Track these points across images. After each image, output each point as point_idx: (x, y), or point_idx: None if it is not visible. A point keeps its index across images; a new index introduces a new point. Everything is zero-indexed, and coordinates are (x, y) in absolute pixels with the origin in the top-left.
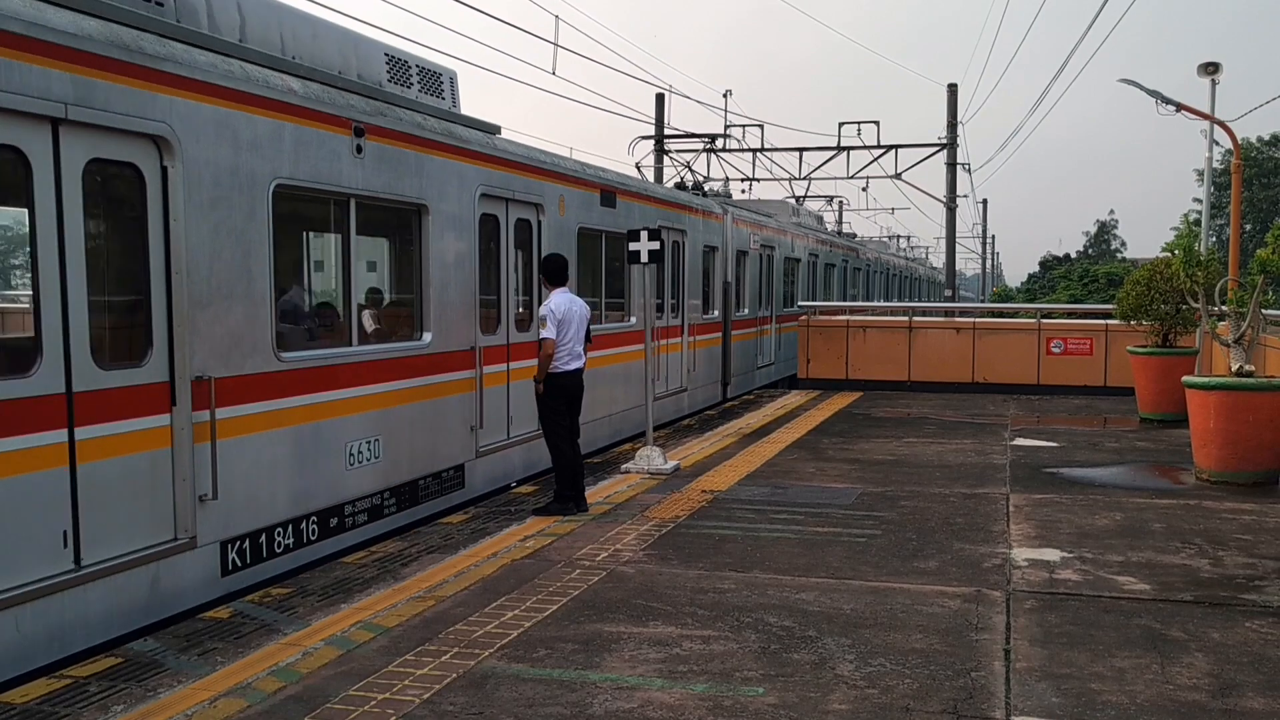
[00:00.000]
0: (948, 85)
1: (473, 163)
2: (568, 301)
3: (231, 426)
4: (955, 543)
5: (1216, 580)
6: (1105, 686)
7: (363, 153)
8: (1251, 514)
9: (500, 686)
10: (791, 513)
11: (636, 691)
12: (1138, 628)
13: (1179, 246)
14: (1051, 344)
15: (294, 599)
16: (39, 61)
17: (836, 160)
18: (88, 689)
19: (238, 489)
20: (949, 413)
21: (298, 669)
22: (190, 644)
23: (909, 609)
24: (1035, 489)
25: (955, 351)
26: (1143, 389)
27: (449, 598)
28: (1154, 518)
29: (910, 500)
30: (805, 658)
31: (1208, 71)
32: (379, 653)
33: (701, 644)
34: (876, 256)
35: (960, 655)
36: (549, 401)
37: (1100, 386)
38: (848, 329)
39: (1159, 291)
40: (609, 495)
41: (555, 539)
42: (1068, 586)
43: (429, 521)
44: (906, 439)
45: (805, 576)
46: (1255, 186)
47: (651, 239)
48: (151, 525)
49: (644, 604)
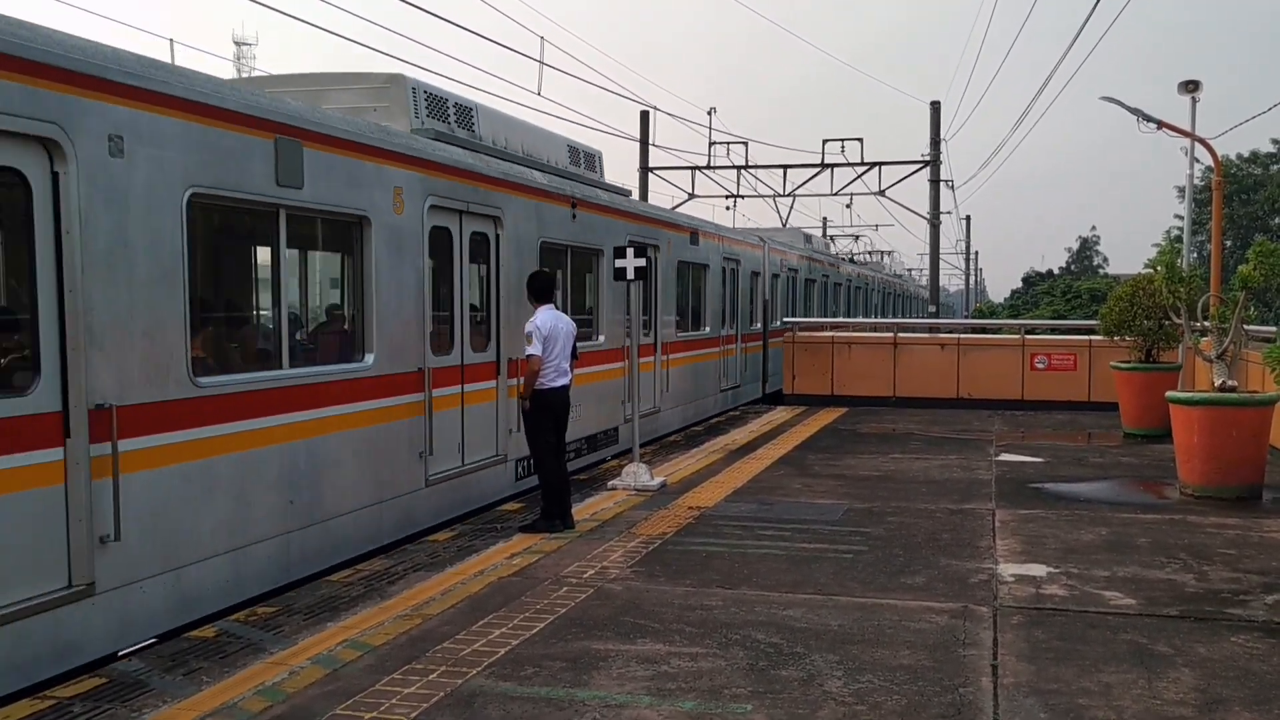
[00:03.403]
0: (930, 103)
1: (622, 219)
2: (553, 318)
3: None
4: (942, 558)
5: (1202, 595)
6: (1092, 702)
7: (575, 219)
8: (1236, 528)
9: (488, 705)
10: (778, 529)
11: (624, 709)
12: (1124, 643)
13: (1161, 262)
14: (1035, 360)
15: (280, 617)
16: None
17: (820, 177)
18: (72, 709)
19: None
20: (934, 428)
21: (284, 688)
22: (175, 664)
23: (896, 625)
24: (1021, 504)
25: (940, 368)
26: (1126, 404)
27: (436, 616)
28: (1139, 533)
29: (897, 516)
30: (793, 674)
31: (1188, 89)
32: (366, 671)
33: (689, 661)
34: (871, 275)
35: (948, 671)
36: (535, 418)
37: (1084, 402)
38: (833, 345)
39: (1142, 307)
40: (596, 512)
41: (542, 556)
42: (1054, 602)
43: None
44: (892, 455)
45: (792, 593)
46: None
47: (637, 255)
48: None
49: (631, 621)
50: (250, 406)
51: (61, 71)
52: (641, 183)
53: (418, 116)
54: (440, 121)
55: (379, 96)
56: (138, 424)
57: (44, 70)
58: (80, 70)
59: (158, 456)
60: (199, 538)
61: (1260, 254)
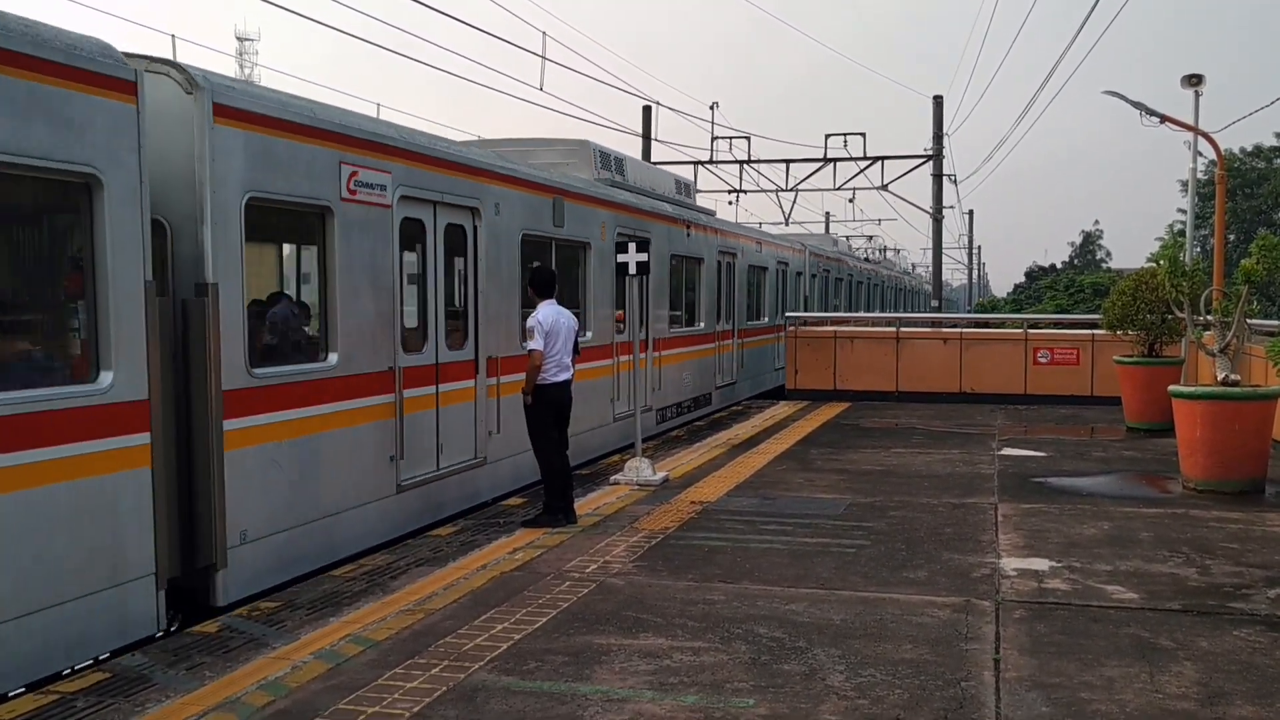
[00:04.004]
0: (934, 97)
1: (713, 235)
2: (555, 313)
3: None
4: (944, 553)
5: (1204, 589)
6: (1095, 696)
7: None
8: (1238, 522)
9: (491, 699)
10: (781, 524)
11: (627, 703)
12: (1126, 637)
13: (1164, 257)
14: (1038, 354)
15: (282, 613)
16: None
17: (823, 172)
18: (75, 704)
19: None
20: (937, 423)
21: (287, 683)
22: (178, 658)
23: (899, 619)
24: (1023, 498)
25: (942, 362)
26: (1129, 398)
27: (438, 610)
28: (1141, 527)
29: (899, 510)
30: (796, 668)
31: (1191, 83)
32: (368, 666)
33: (692, 655)
34: (887, 273)
35: (950, 665)
36: (537, 413)
37: (1087, 396)
38: (835, 339)
39: (1145, 301)
40: (598, 507)
41: (545, 551)
42: (1057, 596)
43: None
44: (895, 449)
45: (795, 587)
46: (1239, 197)
47: (640, 250)
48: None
49: (634, 616)
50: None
51: (481, 171)
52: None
53: (595, 170)
54: (608, 171)
55: (570, 155)
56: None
57: (475, 171)
58: (484, 168)
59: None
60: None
61: (1263, 248)
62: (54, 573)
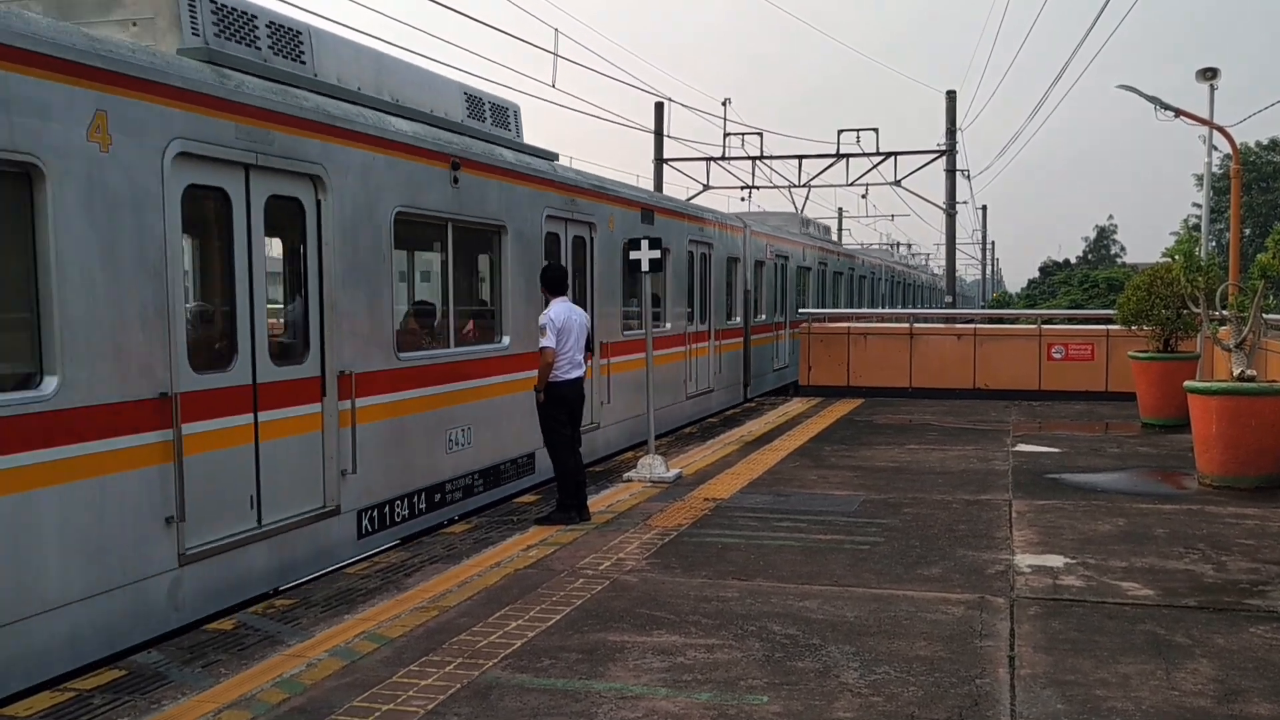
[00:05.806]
0: (946, 92)
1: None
2: (567, 310)
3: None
4: (958, 549)
5: (1220, 586)
6: (1110, 693)
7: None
8: (1254, 519)
9: (505, 697)
10: (794, 520)
11: (641, 701)
12: (1142, 634)
13: (1179, 251)
14: (1052, 349)
15: (297, 610)
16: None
17: (836, 168)
18: (91, 701)
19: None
20: (950, 419)
21: (302, 680)
22: (194, 656)
23: (913, 616)
24: (1038, 495)
25: (956, 358)
26: (1144, 394)
27: (452, 608)
28: (1157, 523)
29: (913, 507)
30: (809, 666)
31: (1206, 77)
32: (383, 663)
33: (705, 653)
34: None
35: (965, 662)
36: (550, 411)
37: (1101, 392)
38: (849, 336)
39: (1160, 296)
40: (611, 504)
41: (558, 548)
42: (1071, 592)
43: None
44: (908, 446)
45: (808, 584)
46: (1254, 191)
47: (652, 247)
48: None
49: (647, 613)
50: None
51: (602, 194)
52: (656, 174)
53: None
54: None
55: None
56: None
57: (592, 194)
58: (604, 192)
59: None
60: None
61: (1279, 242)
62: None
